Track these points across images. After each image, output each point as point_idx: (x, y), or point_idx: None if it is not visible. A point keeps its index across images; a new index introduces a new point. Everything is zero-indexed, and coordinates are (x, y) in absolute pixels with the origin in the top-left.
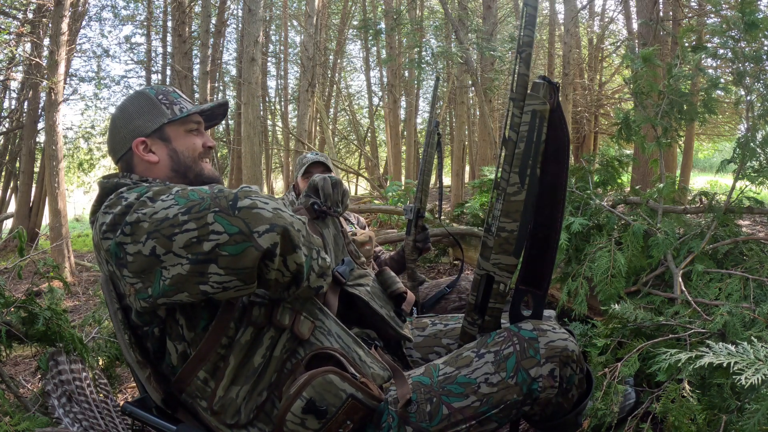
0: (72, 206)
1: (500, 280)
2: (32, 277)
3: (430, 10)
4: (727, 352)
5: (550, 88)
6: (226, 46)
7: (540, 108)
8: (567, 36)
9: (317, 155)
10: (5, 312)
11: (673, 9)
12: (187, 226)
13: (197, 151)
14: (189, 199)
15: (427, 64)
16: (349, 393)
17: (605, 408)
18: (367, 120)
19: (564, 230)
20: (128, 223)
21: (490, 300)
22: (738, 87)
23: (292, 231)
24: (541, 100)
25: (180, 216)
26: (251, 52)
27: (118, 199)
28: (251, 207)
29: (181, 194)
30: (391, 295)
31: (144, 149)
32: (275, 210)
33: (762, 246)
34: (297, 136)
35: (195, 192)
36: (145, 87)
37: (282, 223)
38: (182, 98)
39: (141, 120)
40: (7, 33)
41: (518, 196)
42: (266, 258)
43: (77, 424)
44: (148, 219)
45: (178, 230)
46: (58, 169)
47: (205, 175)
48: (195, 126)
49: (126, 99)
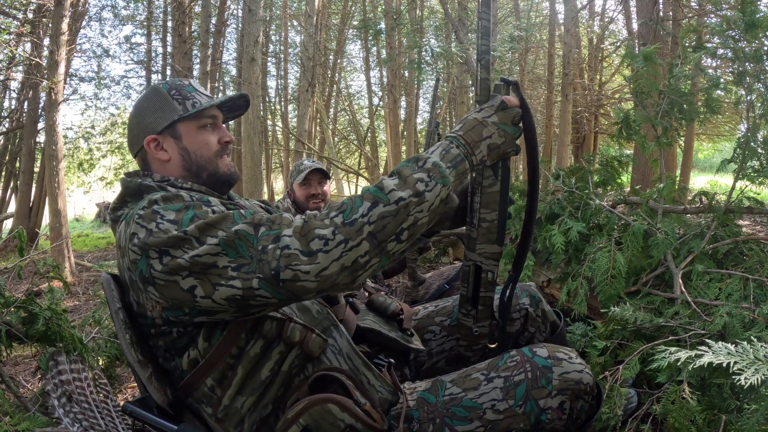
0: (72, 206)
1: (488, 268)
2: (32, 277)
3: (430, 10)
4: (726, 352)
5: (511, 87)
6: (226, 46)
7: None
8: (567, 36)
9: (315, 163)
10: (5, 312)
11: (673, 9)
12: (233, 283)
13: (212, 148)
14: (238, 253)
15: (427, 65)
16: (347, 423)
17: (609, 411)
18: (367, 120)
19: (561, 234)
20: (168, 254)
21: (480, 289)
22: (738, 87)
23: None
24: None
25: (229, 270)
26: (251, 52)
27: (153, 213)
28: (294, 280)
29: (227, 241)
30: (391, 316)
31: (155, 147)
32: (318, 278)
33: (762, 246)
34: (297, 136)
35: (242, 244)
36: (159, 82)
37: (325, 287)
38: (197, 92)
39: (152, 117)
40: (7, 33)
41: (494, 188)
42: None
43: (77, 424)
44: (188, 260)
45: (224, 282)
46: (58, 169)
47: (220, 173)
48: (209, 121)
49: (141, 95)
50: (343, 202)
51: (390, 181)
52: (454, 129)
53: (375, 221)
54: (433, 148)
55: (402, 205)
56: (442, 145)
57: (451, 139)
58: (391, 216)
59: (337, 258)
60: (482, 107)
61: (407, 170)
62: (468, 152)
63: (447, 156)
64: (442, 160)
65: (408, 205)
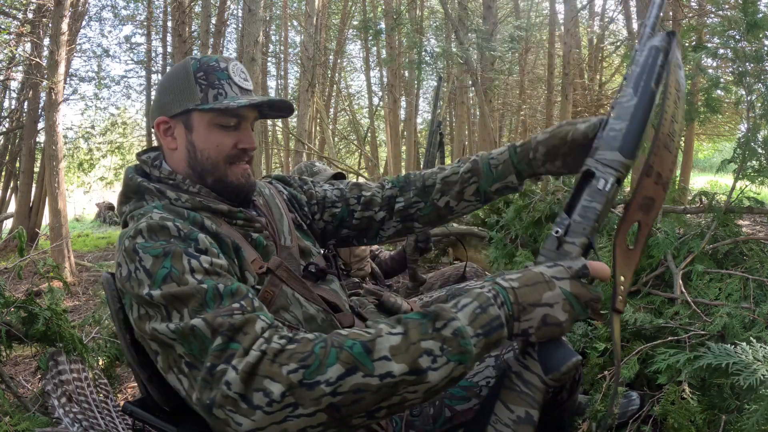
0: (72, 206)
1: (600, 175)
2: (32, 277)
3: (430, 10)
4: (726, 353)
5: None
6: (226, 46)
7: (659, 45)
8: (567, 36)
9: (327, 167)
10: (5, 312)
11: (673, 9)
12: (182, 380)
13: (223, 152)
14: (191, 350)
15: (426, 65)
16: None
17: (606, 410)
18: (367, 120)
19: None
20: (142, 307)
21: (584, 197)
22: (738, 87)
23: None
24: (661, 40)
25: (183, 364)
26: (251, 52)
27: (134, 253)
28: (225, 424)
29: (182, 333)
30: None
31: (165, 131)
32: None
33: (762, 246)
34: (297, 136)
35: (195, 345)
36: (195, 56)
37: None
38: (230, 81)
39: (170, 96)
40: (7, 33)
41: (630, 102)
42: None
43: (77, 424)
44: (150, 331)
45: (176, 372)
46: (58, 169)
47: (227, 181)
48: (233, 121)
49: (174, 65)
50: (314, 349)
51: (386, 341)
52: (508, 276)
53: (343, 393)
54: (467, 299)
55: (388, 383)
56: (481, 297)
57: (498, 290)
58: (369, 392)
59: (279, 422)
60: (556, 263)
61: (416, 331)
62: (512, 316)
63: (481, 318)
64: (472, 323)
65: (397, 384)
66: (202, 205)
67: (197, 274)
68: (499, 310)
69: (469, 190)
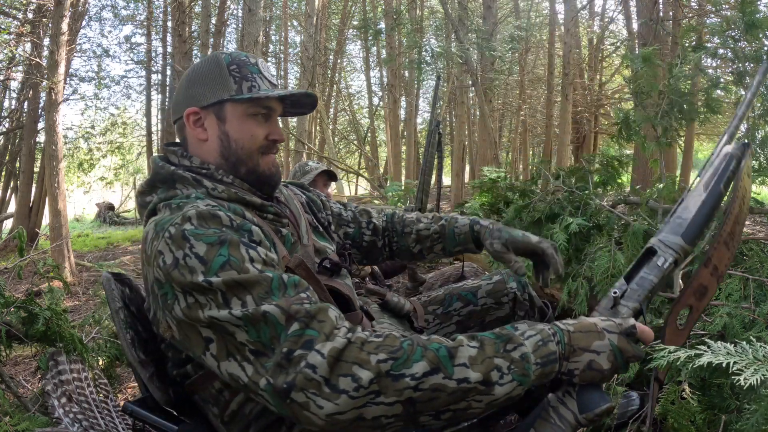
0: (72, 206)
1: (661, 254)
2: (32, 277)
3: (430, 10)
4: (726, 352)
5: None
6: (226, 46)
7: (733, 152)
8: (567, 36)
9: (320, 165)
10: (5, 312)
11: (673, 9)
12: (245, 367)
13: (256, 142)
14: (259, 337)
15: (426, 65)
16: None
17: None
18: (367, 120)
19: (563, 231)
20: (192, 296)
21: (643, 269)
22: (738, 87)
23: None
24: (736, 148)
25: (247, 351)
26: (251, 52)
27: (183, 239)
28: (304, 407)
29: (251, 319)
30: (405, 315)
31: (195, 122)
32: (329, 419)
33: (762, 246)
34: (297, 136)
35: (267, 331)
36: (224, 51)
37: (328, 430)
38: (260, 75)
39: (201, 88)
40: (7, 33)
41: (700, 197)
42: None
43: (77, 424)
44: (207, 317)
45: (238, 359)
46: (58, 169)
47: (260, 171)
48: (263, 111)
49: (200, 60)
50: (402, 344)
51: (466, 351)
52: (566, 321)
53: (424, 389)
54: (533, 332)
55: (462, 388)
56: (543, 332)
57: (557, 330)
58: (444, 392)
59: (359, 407)
60: (609, 318)
61: (490, 347)
62: (564, 355)
63: (542, 350)
64: (535, 353)
65: (469, 391)
66: (237, 196)
67: (256, 263)
68: (556, 347)
69: (436, 247)
